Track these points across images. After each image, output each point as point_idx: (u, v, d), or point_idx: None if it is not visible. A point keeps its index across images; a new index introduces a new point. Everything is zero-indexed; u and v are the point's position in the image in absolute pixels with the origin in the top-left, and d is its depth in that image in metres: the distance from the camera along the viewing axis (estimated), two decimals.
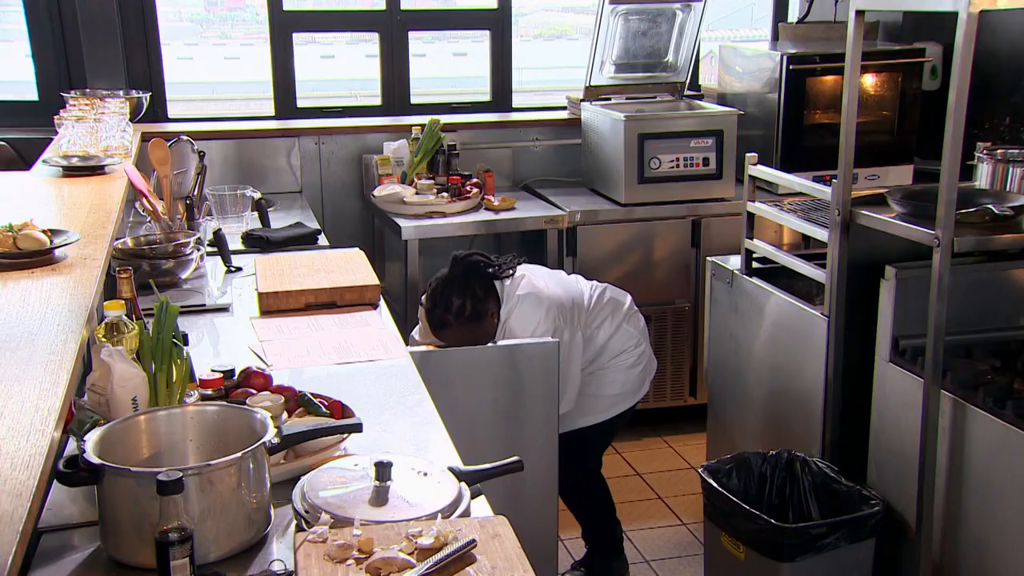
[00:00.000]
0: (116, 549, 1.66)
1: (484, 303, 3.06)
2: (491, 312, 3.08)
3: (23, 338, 1.69)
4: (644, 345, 3.28)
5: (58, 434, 1.39)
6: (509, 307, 3.07)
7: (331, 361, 2.56)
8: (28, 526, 1.16)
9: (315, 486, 1.76)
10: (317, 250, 3.53)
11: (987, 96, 4.14)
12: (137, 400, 1.90)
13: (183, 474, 1.54)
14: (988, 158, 2.93)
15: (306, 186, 4.60)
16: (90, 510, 1.74)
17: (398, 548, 1.57)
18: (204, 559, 1.60)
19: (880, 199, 2.85)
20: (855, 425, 2.94)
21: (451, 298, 3.03)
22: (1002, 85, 4.19)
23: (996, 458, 2.43)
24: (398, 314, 3.36)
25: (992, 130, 4.23)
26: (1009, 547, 2.41)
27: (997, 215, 2.61)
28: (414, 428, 2.20)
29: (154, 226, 3.31)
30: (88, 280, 2.00)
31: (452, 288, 3.06)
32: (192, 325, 2.72)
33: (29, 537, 1.18)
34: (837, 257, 2.86)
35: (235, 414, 1.85)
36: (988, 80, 4.13)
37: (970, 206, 2.63)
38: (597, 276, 3.55)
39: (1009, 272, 2.78)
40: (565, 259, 4.32)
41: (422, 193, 4.24)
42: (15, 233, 2.13)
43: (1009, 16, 4.14)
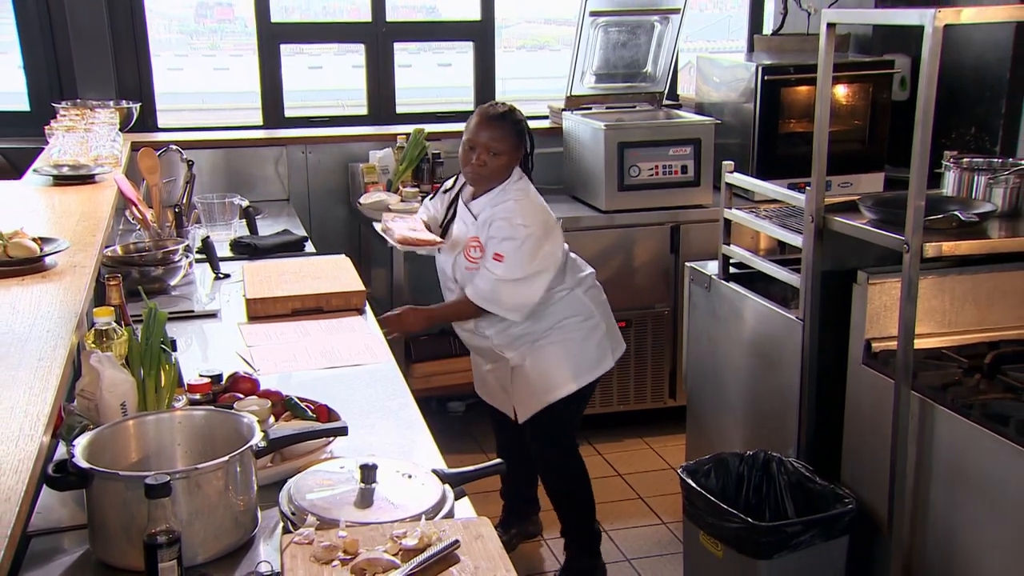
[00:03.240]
0: (105, 552, 1.66)
1: (518, 154, 3.05)
2: (510, 166, 3.04)
3: (13, 344, 1.68)
4: (597, 319, 3.16)
5: (47, 439, 1.39)
6: (507, 195, 3.01)
7: (317, 366, 2.55)
8: (17, 530, 1.15)
9: (301, 488, 1.76)
10: (304, 257, 3.53)
11: (954, 107, 4.18)
12: (126, 405, 1.89)
13: (171, 477, 1.54)
14: (955, 166, 2.95)
15: (293, 194, 4.59)
16: (79, 514, 1.73)
17: (383, 549, 1.56)
18: (192, 561, 1.60)
19: (852, 206, 2.86)
20: (829, 425, 2.95)
21: (523, 122, 3.04)
22: (968, 96, 4.23)
23: (962, 457, 2.45)
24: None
25: (959, 139, 4.26)
26: (974, 542, 2.43)
27: (964, 221, 2.63)
28: (399, 431, 2.20)
29: (143, 234, 3.29)
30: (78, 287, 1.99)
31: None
32: (181, 331, 2.71)
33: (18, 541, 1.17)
34: (811, 262, 2.87)
35: (222, 418, 1.84)
36: (955, 91, 4.16)
37: (938, 213, 2.65)
38: None
39: (975, 277, 2.80)
40: None
41: (407, 200, 4.23)
42: (5, 241, 2.12)
43: (974, 31, 4.17)
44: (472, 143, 2.96)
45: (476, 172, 2.98)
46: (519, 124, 3.01)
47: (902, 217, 2.50)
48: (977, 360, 2.66)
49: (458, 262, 3.07)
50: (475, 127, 2.97)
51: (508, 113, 3.00)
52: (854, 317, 2.79)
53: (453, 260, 3.09)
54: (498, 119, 2.97)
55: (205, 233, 3.45)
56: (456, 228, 3.10)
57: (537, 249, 2.97)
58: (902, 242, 2.48)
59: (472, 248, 3.02)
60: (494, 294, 2.98)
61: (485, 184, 3.02)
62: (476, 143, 2.95)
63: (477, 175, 2.99)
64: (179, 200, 3.44)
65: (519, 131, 3.01)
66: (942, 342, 2.77)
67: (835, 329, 2.90)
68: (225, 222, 3.77)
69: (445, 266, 3.15)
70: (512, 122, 2.99)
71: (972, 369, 2.63)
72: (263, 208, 4.08)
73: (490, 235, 2.96)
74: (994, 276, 2.81)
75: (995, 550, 2.38)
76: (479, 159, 2.95)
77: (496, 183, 3.02)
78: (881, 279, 2.72)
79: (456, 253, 3.07)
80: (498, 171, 2.98)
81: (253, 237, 3.67)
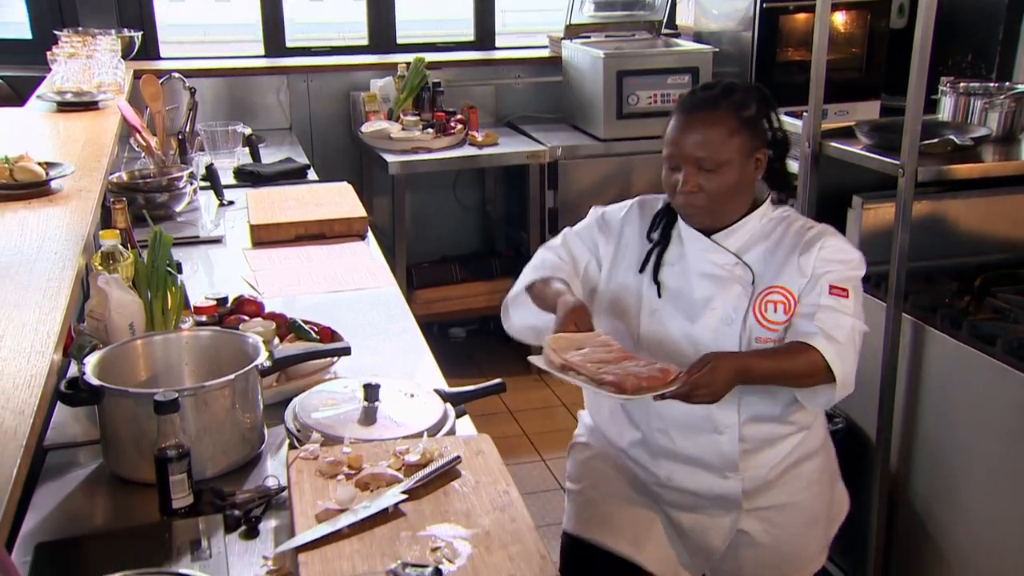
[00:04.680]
0: (118, 466, 1.68)
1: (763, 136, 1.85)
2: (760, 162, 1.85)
3: (22, 265, 1.68)
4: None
5: (58, 357, 1.39)
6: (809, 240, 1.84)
7: (321, 290, 2.55)
8: (32, 441, 1.16)
9: (306, 407, 1.77)
10: (307, 184, 3.51)
11: (951, 34, 4.12)
12: (134, 326, 1.90)
13: (179, 395, 1.56)
14: (951, 91, 2.92)
15: (295, 122, 4.55)
16: (92, 429, 1.76)
17: (386, 464, 1.58)
18: (201, 475, 1.62)
19: (848, 132, 2.84)
20: None
21: (737, 91, 1.83)
22: (965, 23, 4.17)
23: (951, 376, 2.47)
24: (385, 246, 3.34)
25: (955, 67, 4.21)
26: (961, 456, 2.46)
27: (959, 145, 2.61)
28: (401, 353, 2.21)
29: (148, 161, 3.27)
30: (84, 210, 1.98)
31: (746, 91, 1.85)
32: (187, 256, 2.71)
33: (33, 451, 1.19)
34: (807, 187, 2.85)
35: (228, 339, 1.85)
36: (952, 18, 4.10)
37: (933, 137, 2.63)
38: (577, 209, 3.53)
39: (969, 201, 2.79)
40: (546, 193, 4.30)
41: (408, 129, 4.20)
42: (11, 165, 2.10)
43: None
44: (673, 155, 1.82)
45: (694, 203, 1.82)
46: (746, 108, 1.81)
47: (898, 142, 2.48)
48: (967, 282, 2.67)
49: (743, 331, 1.84)
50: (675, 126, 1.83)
51: (726, 93, 1.82)
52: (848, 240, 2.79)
53: (733, 328, 1.85)
54: (710, 105, 1.80)
55: (209, 161, 3.42)
56: (692, 278, 1.89)
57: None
58: (897, 166, 2.47)
59: (770, 303, 1.83)
60: (852, 346, 1.78)
61: (725, 216, 1.87)
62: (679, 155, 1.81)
63: (698, 207, 1.83)
64: (182, 128, 3.41)
65: (745, 106, 1.81)
66: (934, 264, 2.77)
67: None
68: (228, 150, 3.74)
69: (691, 331, 1.87)
70: (732, 105, 1.80)
71: (962, 291, 2.64)
72: (266, 136, 4.05)
73: (823, 265, 1.82)
74: (987, 200, 2.80)
75: (981, 467, 2.41)
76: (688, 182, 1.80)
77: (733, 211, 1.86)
78: (876, 204, 2.71)
79: (732, 319, 1.84)
80: (739, 178, 1.81)
81: (256, 165, 3.64)
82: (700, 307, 1.87)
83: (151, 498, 1.55)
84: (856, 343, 1.79)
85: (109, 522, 1.58)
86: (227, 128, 3.80)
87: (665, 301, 1.90)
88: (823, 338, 1.75)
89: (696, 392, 1.66)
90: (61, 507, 1.60)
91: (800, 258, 1.83)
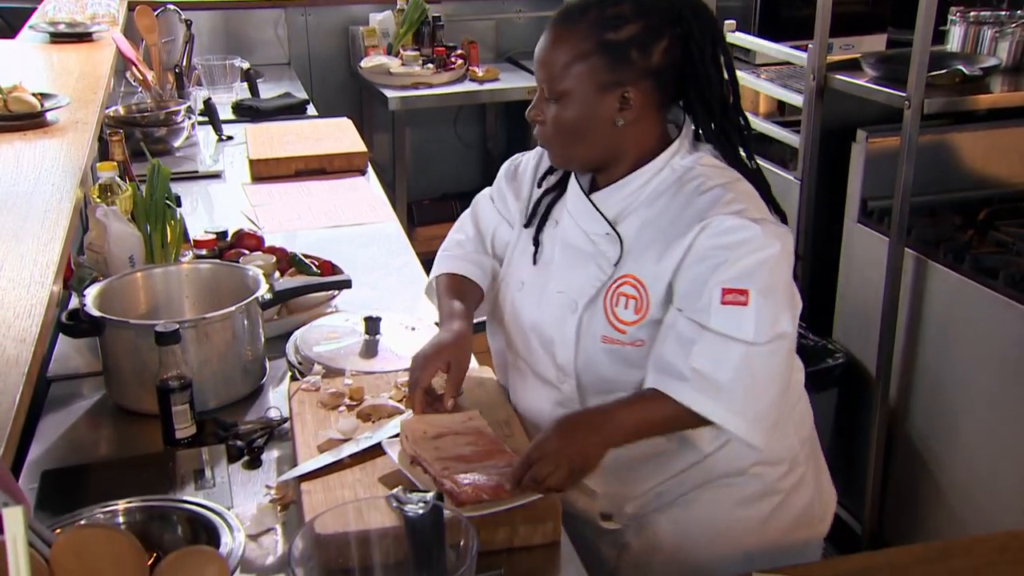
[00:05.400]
0: (121, 396, 1.69)
1: (644, 63, 1.38)
2: (630, 97, 1.39)
3: (19, 197, 1.67)
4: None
5: (57, 287, 1.39)
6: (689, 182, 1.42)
7: (321, 225, 2.55)
8: (34, 370, 1.17)
9: (308, 340, 1.78)
10: (306, 120, 3.48)
11: None
12: (134, 258, 1.90)
13: (180, 326, 1.56)
14: (960, 20, 2.87)
15: (294, 58, 4.49)
16: (94, 361, 1.77)
17: (388, 396, 1.59)
18: (204, 407, 1.63)
19: (854, 64, 2.80)
20: (824, 284, 2.96)
21: (623, 5, 1.38)
22: None
23: (953, 310, 2.47)
24: (386, 183, 3.32)
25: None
26: (961, 390, 2.47)
27: (968, 76, 2.57)
28: (402, 287, 2.21)
29: (145, 96, 3.24)
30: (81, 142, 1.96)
31: (638, 5, 1.39)
32: (186, 191, 2.69)
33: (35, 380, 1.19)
34: (811, 121, 2.82)
35: (229, 271, 1.85)
36: None
37: (941, 68, 2.59)
38: None
39: (975, 133, 2.76)
40: None
41: (408, 64, 4.15)
42: (5, 96, 2.08)
43: None
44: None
45: (541, 136, 1.48)
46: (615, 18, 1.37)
47: (905, 74, 2.45)
48: (972, 217, 2.65)
49: (585, 325, 1.46)
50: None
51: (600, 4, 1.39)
52: (851, 175, 2.77)
53: (573, 318, 1.47)
54: (569, 18, 1.41)
55: (206, 95, 3.39)
56: (559, 247, 1.53)
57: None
58: (904, 98, 2.44)
59: (622, 295, 1.43)
60: (745, 385, 1.35)
61: (575, 161, 1.49)
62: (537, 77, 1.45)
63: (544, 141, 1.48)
64: (179, 62, 3.36)
65: (613, 25, 1.37)
66: (938, 199, 2.75)
67: (831, 190, 2.88)
68: (226, 85, 3.70)
69: (537, 317, 1.53)
70: (596, 22, 1.38)
71: (965, 225, 2.62)
72: (264, 71, 4.00)
73: (706, 254, 1.36)
74: (993, 133, 2.77)
75: (981, 400, 2.42)
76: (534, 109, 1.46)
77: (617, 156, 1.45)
78: (880, 137, 2.69)
79: (576, 307, 1.47)
80: (586, 117, 1.41)
81: (255, 100, 3.61)
82: (552, 285, 1.49)
83: (154, 429, 1.56)
84: (757, 374, 1.34)
85: (113, 452, 1.59)
86: (224, 62, 3.76)
87: (537, 271, 1.53)
88: (694, 390, 1.32)
89: (548, 480, 1.29)
90: (65, 436, 1.62)
91: (676, 239, 1.38)
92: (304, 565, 0.87)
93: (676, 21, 1.38)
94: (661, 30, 1.38)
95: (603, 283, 1.44)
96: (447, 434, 1.40)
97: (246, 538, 1.27)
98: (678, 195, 1.42)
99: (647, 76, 1.38)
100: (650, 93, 1.40)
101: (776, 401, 1.38)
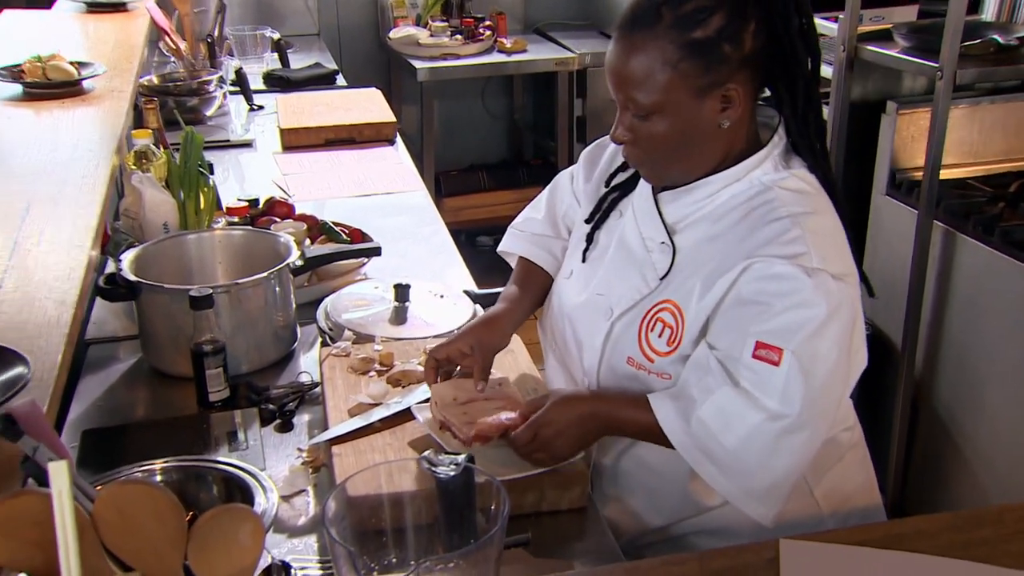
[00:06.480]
0: (157, 360, 1.71)
1: (737, 56, 1.22)
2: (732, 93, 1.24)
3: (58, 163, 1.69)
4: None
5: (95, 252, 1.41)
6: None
7: (350, 193, 2.55)
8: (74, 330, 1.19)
9: (338, 307, 1.79)
10: (336, 90, 3.48)
11: None
12: (168, 224, 1.91)
13: (213, 291, 1.57)
14: None
15: (324, 28, 4.49)
16: (131, 325, 1.79)
17: (417, 362, 1.59)
18: (237, 371, 1.64)
19: (886, 34, 2.75)
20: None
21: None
22: None
23: (982, 282, 2.44)
24: (414, 153, 3.31)
25: None
26: (987, 361, 2.45)
27: (1002, 45, 2.52)
28: (430, 255, 2.21)
29: (178, 65, 3.25)
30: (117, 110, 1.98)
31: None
32: (218, 160, 2.70)
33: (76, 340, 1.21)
34: (841, 92, 2.79)
35: (261, 238, 1.86)
36: None
37: (976, 38, 2.54)
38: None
39: (1007, 105, 2.71)
40: (575, 101, 4.24)
41: (436, 35, 4.13)
42: (44, 64, 2.09)
43: None
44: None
45: (632, 156, 1.34)
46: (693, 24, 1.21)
47: (938, 44, 2.40)
48: (1002, 189, 2.62)
49: (615, 337, 1.36)
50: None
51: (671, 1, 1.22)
52: (880, 147, 2.74)
53: (605, 325, 1.37)
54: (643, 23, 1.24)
55: (238, 65, 3.40)
56: (615, 244, 1.42)
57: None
58: (936, 69, 2.40)
59: (660, 322, 1.32)
60: (748, 449, 1.21)
61: (681, 176, 1.33)
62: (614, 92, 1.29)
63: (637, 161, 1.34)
64: (210, 31, 3.37)
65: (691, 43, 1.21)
66: (968, 172, 2.71)
67: (860, 162, 2.85)
68: (257, 55, 3.71)
69: (574, 312, 1.45)
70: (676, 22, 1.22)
71: (996, 198, 2.59)
72: (294, 42, 4.00)
73: (748, 299, 1.22)
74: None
75: (1006, 372, 2.40)
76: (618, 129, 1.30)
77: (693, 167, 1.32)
78: (911, 109, 2.65)
79: (611, 314, 1.37)
80: (686, 119, 1.25)
81: (285, 70, 3.61)
82: (595, 284, 1.41)
83: (189, 391, 1.58)
84: (770, 451, 1.19)
85: (149, 413, 1.61)
86: (255, 33, 3.76)
87: (588, 267, 1.43)
88: (693, 444, 1.22)
89: (541, 435, 1.29)
90: (103, 398, 1.64)
91: (724, 273, 1.24)
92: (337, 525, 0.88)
93: (744, 4, 1.22)
94: (745, 11, 1.22)
95: (643, 296, 1.32)
96: (477, 400, 1.41)
97: (279, 498, 1.29)
98: (747, 218, 1.26)
99: (744, 66, 1.23)
100: (750, 83, 1.25)
101: (789, 485, 1.23)
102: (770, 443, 1.18)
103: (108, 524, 0.83)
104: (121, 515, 0.83)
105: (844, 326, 1.21)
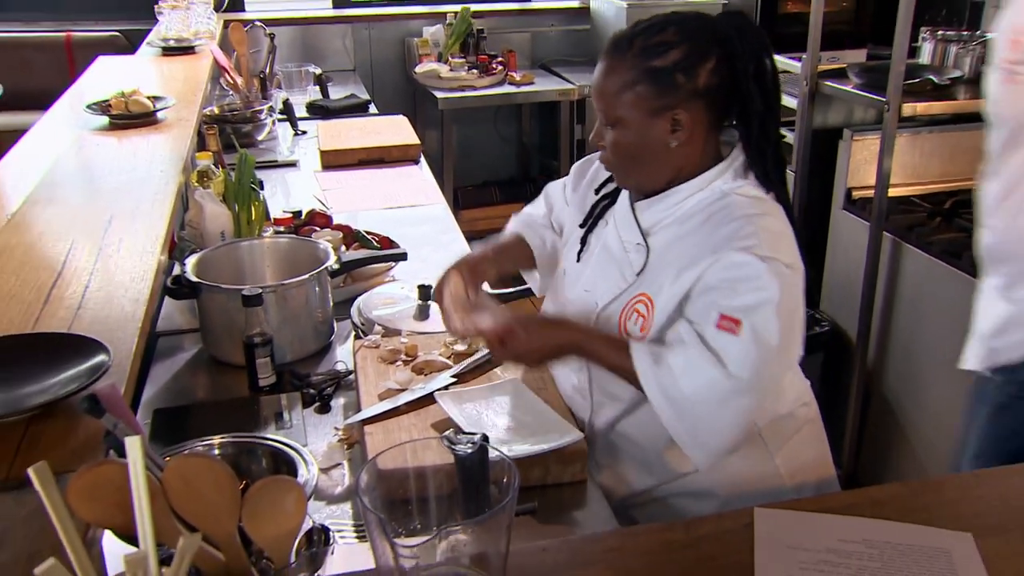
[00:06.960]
0: (215, 350, 1.71)
1: (692, 91, 1.26)
2: (680, 118, 1.27)
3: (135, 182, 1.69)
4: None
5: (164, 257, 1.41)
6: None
7: (380, 206, 2.55)
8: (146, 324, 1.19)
9: (369, 305, 1.79)
10: (368, 117, 3.48)
11: None
12: (224, 233, 1.92)
13: (262, 291, 1.57)
14: (931, 38, 2.84)
15: (358, 64, 4.49)
16: (193, 320, 1.79)
17: (438, 353, 1.60)
18: (282, 360, 1.64)
19: (841, 72, 2.77)
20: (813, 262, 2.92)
21: (667, 31, 1.28)
22: None
23: (923, 285, 2.44)
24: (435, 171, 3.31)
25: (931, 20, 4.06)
26: (928, 353, 2.45)
27: (937, 84, 2.54)
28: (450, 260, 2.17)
29: (235, 97, 3.25)
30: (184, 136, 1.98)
31: (682, 31, 1.28)
32: (267, 178, 2.69)
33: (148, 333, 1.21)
34: (805, 120, 2.79)
35: (303, 245, 1.86)
36: None
37: (915, 78, 2.55)
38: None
39: (942, 135, 2.72)
40: (575, 126, 4.24)
41: (455, 70, 4.14)
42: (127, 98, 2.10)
43: None
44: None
45: (604, 160, 1.38)
46: (656, 44, 1.27)
47: (884, 81, 2.41)
48: (939, 206, 2.62)
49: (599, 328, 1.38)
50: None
51: (639, 36, 1.29)
52: (838, 168, 2.74)
53: (591, 317, 1.39)
54: (617, 49, 1.30)
55: (285, 96, 3.40)
56: (600, 247, 1.43)
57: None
58: (883, 102, 2.40)
59: (635, 311, 1.33)
60: (701, 399, 1.23)
61: (637, 184, 1.37)
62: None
63: (607, 165, 1.38)
64: (263, 69, 3.37)
65: (656, 68, 1.26)
66: (911, 191, 2.72)
67: (821, 180, 2.84)
68: (302, 88, 3.71)
69: (568, 308, 1.46)
70: (641, 51, 1.27)
71: (934, 213, 2.59)
72: (333, 76, 4.00)
73: (713, 285, 1.24)
74: (958, 135, 2.73)
75: (944, 363, 2.39)
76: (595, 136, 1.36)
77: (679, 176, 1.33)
78: (863, 136, 2.65)
79: (596, 307, 1.39)
80: (645, 143, 1.30)
81: (325, 100, 3.61)
82: (582, 282, 1.42)
83: (241, 377, 1.58)
84: (720, 405, 1.20)
85: (208, 395, 1.61)
86: (300, 69, 3.76)
87: (580, 267, 1.44)
88: (657, 383, 1.23)
89: (512, 347, 1.31)
90: (171, 382, 1.64)
91: (691, 267, 1.25)
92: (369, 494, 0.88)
93: (721, 41, 1.26)
94: (706, 51, 1.25)
95: (622, 291, 1.34)
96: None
97: (319, 471, 1.29)
98: (709, 220, 1.28)
99: (696, 97, 1.26)
100: (701, 113, 1.27)
101: (730, 439, 1.24)
102: (721, 397, 1.20)
103: (175, 491, 0.83)
104: (186, 483, 0.83)
105: (791, 309, 1.23)
